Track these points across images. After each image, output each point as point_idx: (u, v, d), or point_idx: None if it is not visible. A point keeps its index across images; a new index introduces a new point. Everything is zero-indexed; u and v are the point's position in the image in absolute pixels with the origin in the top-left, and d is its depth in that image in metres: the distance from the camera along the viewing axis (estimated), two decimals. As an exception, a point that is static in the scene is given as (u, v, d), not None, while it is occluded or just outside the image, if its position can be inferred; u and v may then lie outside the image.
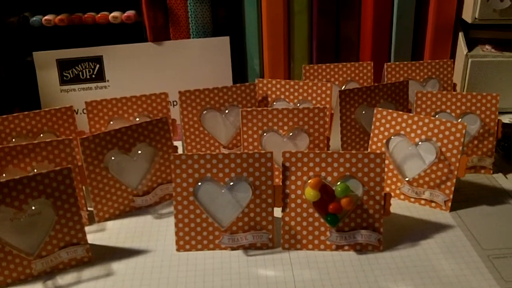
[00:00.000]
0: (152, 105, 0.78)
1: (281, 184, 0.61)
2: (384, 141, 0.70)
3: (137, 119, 0.77)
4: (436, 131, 0.67)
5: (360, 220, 0.61)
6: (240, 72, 1.01)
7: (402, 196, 0.71)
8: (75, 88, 0.92)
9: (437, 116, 0.75)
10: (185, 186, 0.60)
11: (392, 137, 0.70)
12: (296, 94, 0.82)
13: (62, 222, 0.58)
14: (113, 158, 0.67)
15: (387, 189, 0.71)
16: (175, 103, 0.93)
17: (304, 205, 0.61)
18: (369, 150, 0.72)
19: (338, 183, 0.60)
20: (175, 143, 0.73)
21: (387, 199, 0.61)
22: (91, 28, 0.93)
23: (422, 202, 0.69)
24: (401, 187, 0.70)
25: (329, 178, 0.60)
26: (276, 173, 0.71)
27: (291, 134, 0.72)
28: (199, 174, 0.60)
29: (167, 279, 0.57)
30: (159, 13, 0.93)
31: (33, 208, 0.56)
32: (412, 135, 0.69)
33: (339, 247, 0.61)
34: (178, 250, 0.62)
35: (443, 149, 0.67)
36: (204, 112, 0.78)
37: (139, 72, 0.93)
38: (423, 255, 0.60)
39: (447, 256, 0.60)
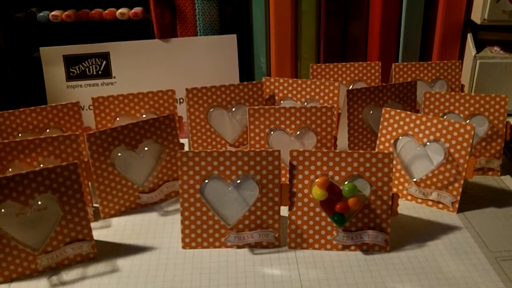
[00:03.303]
0: (158, 102, 0.78)
1: (288, 182, 0.61)
2: (392, 141, 0.70)
3: (144, 115, 0.77)
4: (444, 132, 0.67)
5: (367, 220, 0.61)
6: (246, 70, 1.01)
7: (409, 197, 0.70)
8: (82, 84, 0.92)
9: (445, 117, 0.75)
10: (191, 183, 0.60)
11: (400, 137, 0.70)
12: (303, 93, 0.81)
13: (68, 218, 0.58)
14: (119, 154, 0.67)
15: (394, 189, 0.71)
16: (181, 100, 0.92)
17: (311, 204, 0.61)
18: (376, 150, 0.72)
19: (346, 182, 0.60)
20: (181, 140, 0.73)
21: (395, 199, 0.60)
22: (98, 24, 0.93)
23: (429, 203, 0.69)
24: (408, 187, 0.70)
25: (337, 178, 0.60)
26: (283, 171, 0.71)
27: (298, 133, 0.72)
28: (205, 171, 0.60)
29: (172, 276, 0.57)
30: (167, 10, 0.92)
31: (39, 203, 0.56)
32: (420, 135, 0.68)
33: (345, 247, 0.61)
34: (183, 247, 0.62)
35: (451, 150, 0.67)
36: (210, 110, 0.78)
37: (146, 69, 0.92)
38: (430, 256, 0.59)
39: (454, 257, 0.59)
